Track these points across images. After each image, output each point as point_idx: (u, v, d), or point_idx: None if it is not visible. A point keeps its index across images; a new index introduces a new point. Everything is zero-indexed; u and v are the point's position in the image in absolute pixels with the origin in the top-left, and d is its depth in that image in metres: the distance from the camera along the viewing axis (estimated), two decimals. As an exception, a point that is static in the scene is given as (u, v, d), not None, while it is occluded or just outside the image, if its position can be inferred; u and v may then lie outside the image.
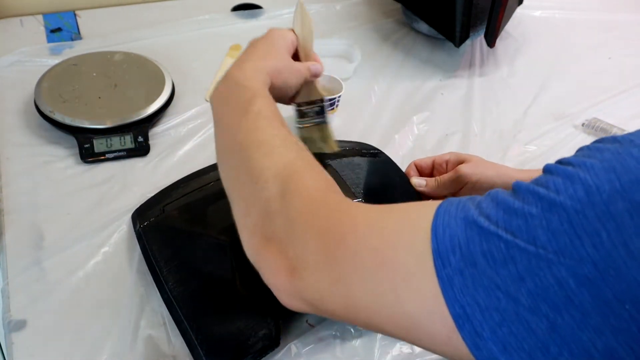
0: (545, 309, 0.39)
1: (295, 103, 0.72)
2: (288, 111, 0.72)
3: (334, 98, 0.94)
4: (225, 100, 0.62)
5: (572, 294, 0.38)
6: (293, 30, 0.71)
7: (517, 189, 0.43)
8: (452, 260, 0.42)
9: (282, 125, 0.59)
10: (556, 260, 0.38)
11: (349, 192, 0.78)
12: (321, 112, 0.74)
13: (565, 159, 0.43)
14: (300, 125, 0.73)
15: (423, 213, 0.45)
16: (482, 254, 0.41)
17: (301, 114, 0.73)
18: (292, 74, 0.68)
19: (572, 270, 0.38)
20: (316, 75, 0.72)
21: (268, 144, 0.56)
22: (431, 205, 0.45)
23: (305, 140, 0.72)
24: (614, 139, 0.42)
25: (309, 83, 0.72)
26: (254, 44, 0.68)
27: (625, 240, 0.37)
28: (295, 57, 0.71)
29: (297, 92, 0.71)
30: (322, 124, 0.74)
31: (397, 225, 0.46)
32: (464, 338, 0.41)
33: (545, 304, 0.39)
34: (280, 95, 0.68)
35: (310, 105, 0.73)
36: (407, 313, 0.43)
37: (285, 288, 0.50)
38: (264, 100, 0.60)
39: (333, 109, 0.96)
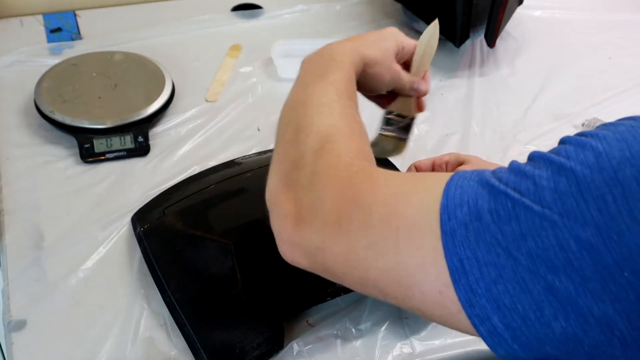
0: (544, 270, 0.39)
1: (387, 110, 0.75)
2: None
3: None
4: (312, 63, 0.64)
5: (572, 256, 0.38)
6: (414, 44, 0.73)
7: (532, 157, 0.44)
8: (459, 214, 0.42)
9: (349, 98, 0.61)
10: (560, 221, 0.39)
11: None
12: (407, 129, 0.76)
13: (582, 132, 0.44)
14: (383, 132, 0.76)
15: (440, 178, 0.46)
16: (488, 210, 0.41)
17: (388, 122, 0.75)
18: (388, 72, 0.69)
19: (575, 233, 0.38)
20: (419, 93, 0.74)
21: (326, 106, 0.58)
22: (449, 175, 0.47)
23: (378, 144, 0.76)
24: (631, 118, 0.43)
25: (407, 98, 0.74)
26: (365, 34, 0.69)
27: (630, 206, 0.37)
28: (404, 67, 0.72)
29: (392, 100, 0.74)
30: (403, 141, 0.77)
31: (413, 186, 0.48)
32: (458, 293, 0.41)
33: (544, 265, 0.39)
34: (368, 87, 0.69)
35: (400, 118, 0.75)
36: (404, 264, 0.44)
37: (288, 235, 0.51)
38: (344, 75, 0.62)
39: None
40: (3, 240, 0.78)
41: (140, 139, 0.91)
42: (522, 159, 0.43)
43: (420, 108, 0.76)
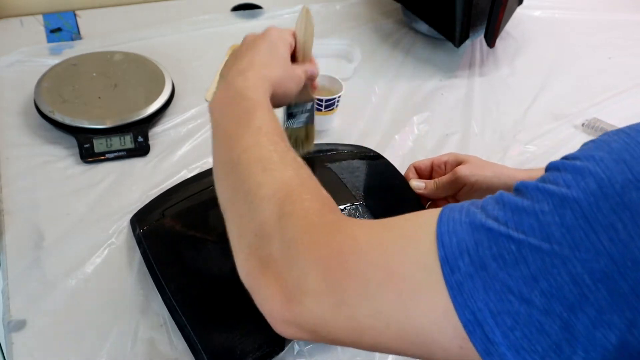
0: (559, 308, 0.38)
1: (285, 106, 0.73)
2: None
3: (334, 98, 0.94)
4: (226, 110, 0.60)
5: (587, 290, 0.37)
6: (294, 33, 0.71)
7: (524, 189, 0.42)
8: (461, 266, 0.41)
9: (282, 140, 0.57)
10: (571, 255, 0.38)
11: (349, 195, 0.78)
12: (310, 114, 0.74)
13: (571, 155, 0.42)
14: (291, 126, 0.74)
15: (425, 223, 0.44)
16: (492, 257, 0.40)
17: (291, 115, 0.73)
18: (294, 81, 0.67)
19: (588, 265, 0.37)
20: (312, 78, 0.72)
21: (266, 160, 0.54)
22: (432, 214, 0.44)
23: (290, 138, 0.72)
24: (620, 131, 0.42)
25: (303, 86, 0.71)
26: (255, 46, 0.66)
27: None
28: (292, 57, 0.71)
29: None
30: (308, 125, 0.75)
31: (399, 238, 0.45)
32: (474, 345, 0.40)
33: (559, 303, 0.38)
34: (280, 103, 0.67)
35: (300, 108, 0.73)
36: (417, 328, 0.42)
37: (281, 315, 0.47)
38: (266, 114, 0.58)
39: (333, 109, 0.96)
40: (3, 240, 0.78)
41: (140, 139, 0.91)
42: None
43: (314, 88, 0.74)
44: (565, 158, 0.42)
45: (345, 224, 0.48)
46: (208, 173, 0.84)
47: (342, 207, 0.76)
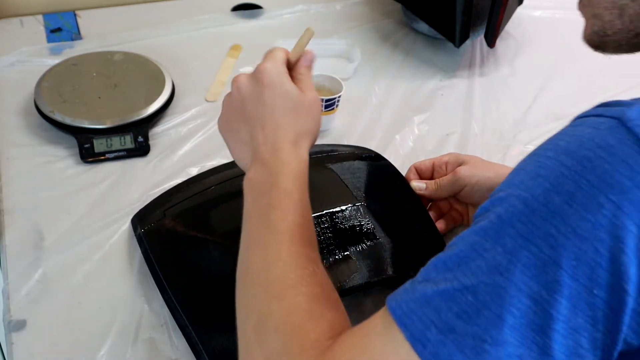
0: (532, 335, 0.39)
1: None
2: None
3: (334, 98, 0.94)
4: (256, 195, 0.58)
5: (548, 306, 0.39)
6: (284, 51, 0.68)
7: (458, 240, 0.44)
8: (430, 337, 0.41)
9: (305, 249, 0.55)
10: (522, 275, 0.39)
11: (350, 196, 0.78)
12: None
13: (493, 192, 0.45)
14: None
15: (383, 319, 0.45)
16: (456, 316, 0.41)
17: None
18: (318, 113, 0.64)
19: (541, 279, 0.39)
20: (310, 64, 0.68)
21: (282, 283, 0.53)
22: (382, 312, 0.45)
23: None
24: (531, 154, 0.44)
25: None
26: (264, 102, 0.60)
27: (573, 228, 0.39)
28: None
29: None
30: None
31: (374, 343, 0.45)
32: None
33: (530, 330, 0.39)
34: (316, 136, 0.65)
35: None
36: None
37: None
38: (295, 213, 0.56)
39: (333, 109, 0.96)
40: (3, 240, 0.78)
41: (140, 139, 0.91)
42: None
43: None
44: (490, 196, 0.44)
45: (328, 348, 0.48)
46: (209, 173, 0.84)
47: (343, 207, 0.76)
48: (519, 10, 1.22)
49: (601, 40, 0.54)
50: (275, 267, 0.54)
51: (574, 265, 0.38)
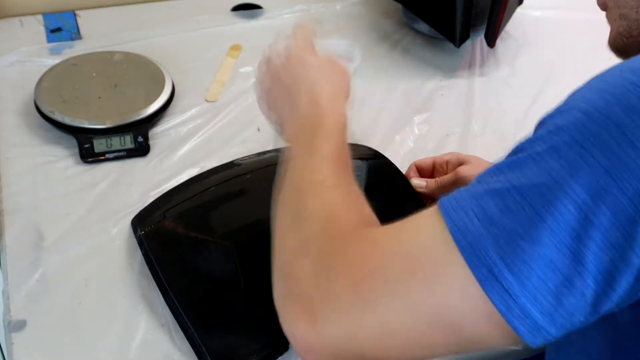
0: (568, 240, 0.39)
1: None
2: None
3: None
4: (300, 133, 0.61)
5: (591, 214, 0.39)
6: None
7: (517, 147, 0.44)
8: (472, 228, 0.42)
9: (342, 168, 0.57)
10: (571, 181, 0.39)
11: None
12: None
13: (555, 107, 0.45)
14: None
15: (432, 211, 0.46)
16: (499, 212, 0.41)
17: None
18: (346, 79, 0.69)
19: (588, 185, 0.39)
20: None
21: (319, 184, 0.54)
22: (434, 207, 0.46)
23: None
24: (596, 75, 0.45)
25: None
26: (324, 63, 0.67)
27: (630, 139, 0.39)
28: None
29: None
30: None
31: (413, 228, 0.46)
32: (495, 303, 0.41)
33: (567, 235, 0.39)
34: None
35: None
36: (445, 306, 0.43)
37: (304, 337, 0.47)
38: (335, 145, 0.59)
39: None
40: (3, 240, 0.78)
41: (140, 139, 0.91)
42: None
43: None
44: (553, 110, 0.45)
45: (369, 231, 0.49)
46: (209, 174, 0.84)
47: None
48: (519, 10, 1.22)
49: (626, 43, 0.55)
50: (313, 174, 0.55)
51: (624, 177, 0.38)
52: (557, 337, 0.42)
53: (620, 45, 0.56)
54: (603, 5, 0.60)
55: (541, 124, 0.45)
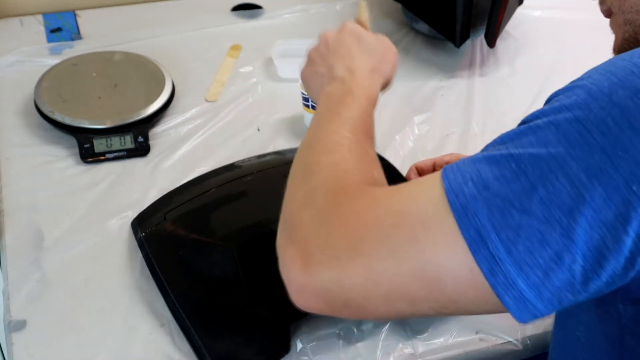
0: (558, 214, 0.40)
1: None
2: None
3: None
4: (330, 96, 0.63)
5: (584, 189, 0.39)
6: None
7: (520, 122, 0.45)
8: (465, 190, 0.43)
9: (363, 134, 0.59)
10: (567, 155, 0.40)
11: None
12: None
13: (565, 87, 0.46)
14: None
15: (436, 173, 0.47)
16: (494, 178, 0.42)
17: None
18: (393, 70, 0.70)
19: (583, 162, 0.40)
20: None
21: (335, 143, 0.56)
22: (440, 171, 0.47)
23: None
24: (607, 60, 0.46)
25: None
26: (366, 37, 0.68)
27: (630, 121, 0.39)
28: None
29: None
30: None
31: (412, 187, 0.48)
32: (479, 265, 0.41)
33: (558, 209, 0.40)
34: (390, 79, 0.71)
35: None
36: (429, 258, 0.44)
37: (299, 279, 0.49)
38: (361, 111, 0.61)
39: None
40: (3, 240, 0.78)
41: (140, 139, 0.91)
42: None
43: None
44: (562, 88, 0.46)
45: (371, 189, 0.51)
46: (209, 176, 0.84)
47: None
48: (519, 10, 1.23)
49: (632, 47, 0.55)
50: (332, 134, 0.57)
51: (619, 155, 0.39)
52: (544, 314, 0.42)
53: (627, 50, 0.56)
54: (607, 12, 0.60)
55: (549, 100, 0.46)
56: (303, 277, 0.48)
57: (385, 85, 0.69)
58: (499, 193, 0.41)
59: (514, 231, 0.40)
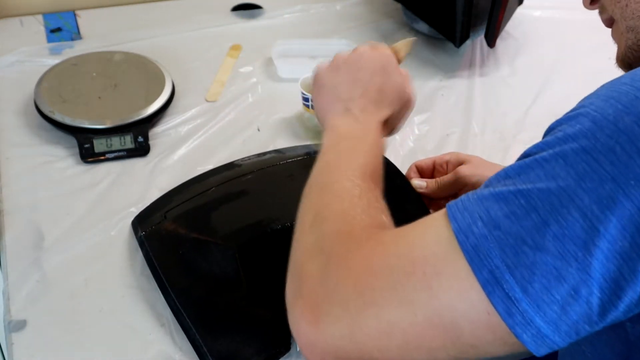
0: (573, 249, 0.39)
1: None
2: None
3: None
4: (343, 141, 0.62)
5: (597, 222, 0.38)
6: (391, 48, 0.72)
7: (526, 152, 0.44)
8: (475, 230, 0.42)
9: (373, 182, 0.58)
10: (578, 188, 0.39)
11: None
12: None
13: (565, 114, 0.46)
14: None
15: (439, 213, 0.46)
16: (504, 216, 0.41)
17: None
18: (409, 106, 0.69)
19: (594, 194, 0.39)
20: None
21: (347, 191, 0.55)
22: (444, 210, 0.46)
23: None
24: (605, 83, 0.45)
25: None
26: (381, 86, 0.66)
27: (638, 147, 0.38)
28: None
29: None
30: None
31: (420, 229, 0.46)
32: (496, 307, 0.40)
33: (572, 243, 0.39)
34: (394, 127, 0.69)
35: None
36: (444, 305, 0.42)
37: (308, 335, 0.47)
38: (373, 160, 0.60)
39: None
40: (3, 240, 0.78)
41: (140, 139, 0.91)
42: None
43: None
44: (556, 121, 0.45)
45: (378, 233, 0.49)
46: (209, 174, 0.84)
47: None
48: (519, 10, 1.23)
49: (636, 56, 0.54)
50: (344, 180, 0.56)
51: (632, 184, 0.38)
52: (561, 346, 0.41)
53: (631, 59, 0.55)
54: (608, 22, 0.59)
55: (550, 130, 0.45)
56: (313, 333, 0.46)
57: (391, 133, 0.68)
58: (511, 231, 0.40)
59: (528, 269, 0.40)
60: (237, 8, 1.24)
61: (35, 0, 1.16)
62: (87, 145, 0.89)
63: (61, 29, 1.14)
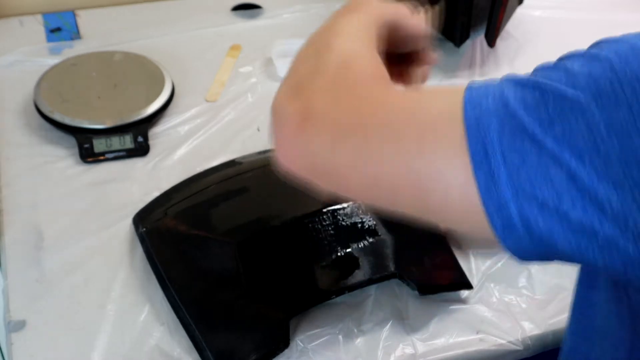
0: (568, 155, 0.38)
1: None
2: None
3: None
4: (346, 6, 0.60)
5: (600, 140, 0.38)
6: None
7: (561, 58, 0.44)
8: (483, 103, 0.42)
9: (370, 39, 0.56)
10: (592, 102, 0.38)
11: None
12: None
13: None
14: None
15: (463, 87, 0.45)
16: (515, 99, 0.41)
17: None
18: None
19: (607, 115, 0.38)
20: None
21: (351, 34, 0.54)
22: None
23: None
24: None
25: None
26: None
27: None
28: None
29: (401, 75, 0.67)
30: None
31: (433, 91, 0.47)
32: (477, 179, 0.40)
33: (569, 149, 0.38)
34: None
35: None
36: (427, 160, 0.43)
37: (291, 134, 0.47)
38: (372, 20, 0.57)
39: None
40: (3, 240, 0.78)
41: (140, 139, 0.91)
42: None
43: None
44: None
45: (390, 82, 0.50)
46: (210, 172, 0.84)
47: (344, 204, 0.76)
48: (519, 10, 1.22)
49: None
50: (349, 27, 0.55)
51: None
52: (528, 250, 0.41)
53: None
54: None
55: (594, 45, 0.44)
56: (297, 133, 0.47)
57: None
58: (515, 115, 0.40)
59: (520, 157, 0.39)
60: (237, 8, 1.24)
61: (35, 0, 1.16)
62: (87, 145, 0.89)
63: (61, 28, 1.14)
